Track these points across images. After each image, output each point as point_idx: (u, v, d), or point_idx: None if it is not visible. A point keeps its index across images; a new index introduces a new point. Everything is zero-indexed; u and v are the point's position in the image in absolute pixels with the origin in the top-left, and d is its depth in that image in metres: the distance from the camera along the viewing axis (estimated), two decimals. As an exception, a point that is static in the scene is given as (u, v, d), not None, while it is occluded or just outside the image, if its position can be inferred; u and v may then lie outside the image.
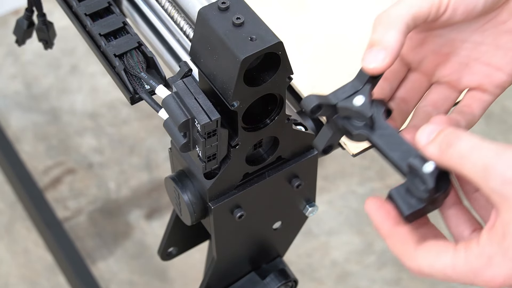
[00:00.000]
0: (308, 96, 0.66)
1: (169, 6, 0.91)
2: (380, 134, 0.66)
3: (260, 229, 0.95)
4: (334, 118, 0.68)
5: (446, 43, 0.72)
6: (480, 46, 0.71)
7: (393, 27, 0.66)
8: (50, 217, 1.75)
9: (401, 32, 0.66)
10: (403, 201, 0.64)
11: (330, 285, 1.76)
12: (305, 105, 0.66)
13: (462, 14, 0.68)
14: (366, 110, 0.66)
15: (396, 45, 0.65)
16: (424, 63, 0.73)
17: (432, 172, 0.63)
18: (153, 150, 1.95)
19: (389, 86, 0.73)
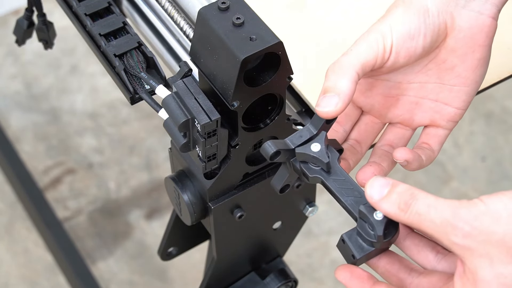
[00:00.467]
0: (266, 143, 0.70)
1: (169, 6, 0.91)
2: (334, 179, 0.71)
3: (260, 229, 0.95)
4: (291, 160, 0.72)
5: (394, 85, 0.76)
6: (426, 85, 0.76)
7: (344, 75, 0.71)
8: (50, 217, 1.75)
9: (352, 79, 0.71)
10: (354, 245, 0.69)
11: (330, 285, 1.76)
12: (264, 152, 0.70)
13: (404, 57, 0.73)
14: (322, 157, 0.71)
15: (348, 91, 0.70)
16: (375, 105, 0.78)
17: (381, 220, 0.67)
18: (153, 150, 1.95)
19: (343, 129, 0.78)
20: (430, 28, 0.73)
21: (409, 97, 0.77)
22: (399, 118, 0.78)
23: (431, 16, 0.73)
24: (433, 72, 0.76)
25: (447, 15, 0.73)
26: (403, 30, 0.72)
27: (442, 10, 0.73)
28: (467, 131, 1.97)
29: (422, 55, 0.74)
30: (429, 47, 0.73)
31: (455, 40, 0.74)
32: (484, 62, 0.75)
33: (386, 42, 0.72)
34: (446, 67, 0.75)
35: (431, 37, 0.73)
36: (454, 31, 0.74)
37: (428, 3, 0.73)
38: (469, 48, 0.74)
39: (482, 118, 2.01)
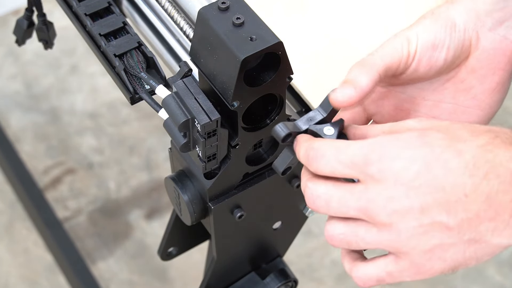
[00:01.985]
0: (277, 126, 0.71)
1: (169, 6, 0.91)
2: None
3: (260, 229, 0.95)
4: None
5: (408, 99, 0.77)
6: (440, 104, 0.76)
7: (366, 73, 0.71)
8: (50, 217, 1.75)
9: (372, 77, 0.71)
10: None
11: (330, 285, 1.76)
12: (275, 134, 0.71)
13: (425, 66, 0.73)
14: None
15: (365, 87, 0.71)
16: (385, 116, 0.78)
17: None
18: (153, 150, 1.95)
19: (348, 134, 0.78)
20: (454, 42, 0.73)
21: (420, 114, 0.77)
22: None
23: (457, 31, 0.73)
24: (449, 91, 0.76)
25: (473, 33, 0.74)
26: (428, 39, 0.73)
27: (468, 28, 0.73)
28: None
29: (443, 68, 0.74)
30: (450, 61, 0.74)
31: (477, 60, 0.74)
32: (502, 87, 0.75)
33: (411, 47, 0.73)
34: (463, 87, 0.75)
35: (454, 51, 0.73)
36: (478, 51, 0.74)
37: (456, 18, 0.73)
38: (490, 70, 0.74)
39: (482, 118, 2.01)
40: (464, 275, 1.77)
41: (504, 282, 1.77)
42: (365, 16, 1.02)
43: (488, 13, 0.74)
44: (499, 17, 0.74)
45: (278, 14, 1.02)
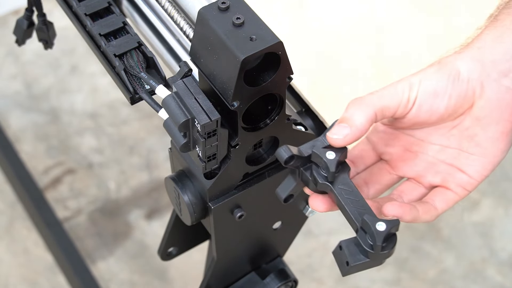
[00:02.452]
0: (281, 148, 0.72)
1: (169, 6, 0.91)
2: (342, 189, 0.73)
3: (260, 229, 0.95)
4: (301, 169, 0.74)
5: (416, 142, 0.79)
6: (446, 149, 0.78)
7: (362, 111, 0.74)
8: (50, 217, 1.75)
9: (368, 117, 0.74)
10: (350, 253, 0.71)
11: (330, 285, 1.76)
12: (278, 156, 0.72)
13: (426, 112, 0.75)
14: (331, 166, 0.73)
15: (361, 127, 0.73)
16: (393, 156, 0.80)
17: (383, 231, 0.70)
18: (153, 150, 1.95)
19: (354, 169, 0.80)
20: (456, 91, 0.75)
21: (428, 157, 0.79)
22: (412, 173, 0.79)
23: (460, 80, 0.75)
24: (455, 138, 0.77)
25: (477, 83, 0.75)
26: (430, 86, 0.75)
27: (473, 78, 0.75)
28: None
29: (445, 116, 0.76)
30: (452, 109, 0.75)
31: (481, 109, 0.76)
32: (506, 137, 0.76)
33: (411, 93, 0.75)
34: (467, 134, 0.77)
35: (456, 100, 0.75)
36: (482, 101, 0.76)
37: (460, 68, 0.75)
38: (493, 119, 0.76)
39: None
40: (464, 275, 1.77)
41: (504, 282, 1.77)
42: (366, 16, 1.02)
43: (494, 64, 0.75)
44: (505, 68, 0.75)
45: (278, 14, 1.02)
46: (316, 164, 0.74)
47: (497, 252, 1.81)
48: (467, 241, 1.82)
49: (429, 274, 1.77)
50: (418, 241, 1.81)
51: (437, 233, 1.82)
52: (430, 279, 1.77)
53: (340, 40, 1.00)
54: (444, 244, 1.81)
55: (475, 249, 1.81)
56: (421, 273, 1.77)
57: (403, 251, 1.79)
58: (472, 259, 1.79)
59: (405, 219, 0.74)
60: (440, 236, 1.82)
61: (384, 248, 0.70)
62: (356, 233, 0.72)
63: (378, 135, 0.79)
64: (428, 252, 1.80)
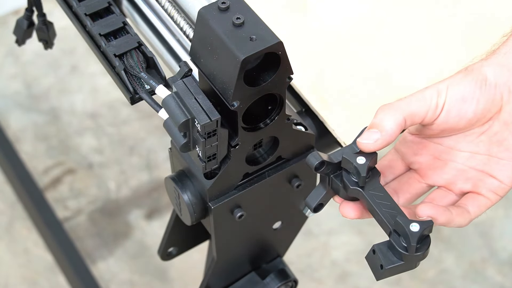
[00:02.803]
0: (311, 154, 0.73)
1: (169, 6, 0.91)
2: (373, 193, 0.74)
3: (260, 229, 0.95)
4: (332, 176, 0.75)
5: (445, 150, 0.79)
6: (475, 155, 0.79)
7: (392, 116, 0.75)
8: (50, 217, 1.75)
9: (397, 122, 0.75)
10: (384, 256, 0.72)
11: (330, 285, 1.76)
12: (309, 162, 0.73)
13: (454, 117, 0.76)
14: (362, 170, 0.73)
15: (390, 131, 0.75)
16: (423, 165, 0.80)
17: (417, 232, 0.70)
18: (153, 150, 1.95)
19: (383, 179, 0.80)
20: (484, 96, 0.76)
21: (457, 164, 0.79)
22: (442, 181, 0.80)
23: (488, 85, 0.76)
24: (483, 144, 0.78)
25: (505, 88, 0.76)
26: (458, 91, 0.76)
27: (500, 83, 0.76)
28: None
29: (473, 121, 0.76)
30: (480, 114, 0.76)
31: (509, 114, 0.77)
32: None
33: (439, 99, 0.75)
34: (496, 139, 0.77)
35: (484, 105, 0.76)
36: (509, 105, 0.76)
37: (488, 73, 0.76)
38: None
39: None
40: (464, 275, 1.77)
41: (504, 282, 1.77)
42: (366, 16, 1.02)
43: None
44: None
45: (278, 14, 1.02)
46: (346, 170, 0.74)
47: (497, 252, 1.81)
48: (467, 241, 1.82)
49: (429, 274, 1.77)
50: (418, 241, 1.81)
51: (437, 233, 1.82)
52: (430, 279, 1.77)
53: (341, 40, 1.00)
54: (444, 244, 1.81)
55: (475, 249, 1.81)
56: (421, 273, 1.77)
57: (403, 251, 1.79)
58: (472, 259, 1.79)
59: (439, 220, 0.74)
60: (440, 236, 1.82)
61: (419, 249, 0.71)
62: (389, 236, 0.72)
63: (407, 144, 0.80)
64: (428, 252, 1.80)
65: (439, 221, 0.74)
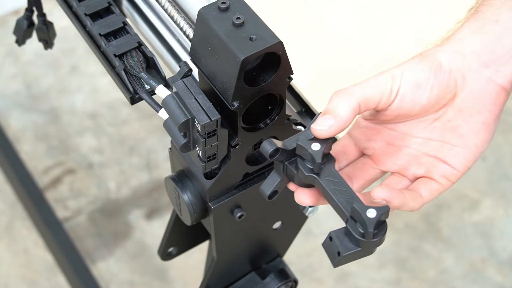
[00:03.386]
0: (266, 141, 0.72)
1: (169, 6, 0.91)
2: (328, 180, 0.73)
3: (260, 229, 0.95)
4: (286, 163, 0.74)
5: (399, 136, 0.79)
6: (429, 141, 0.78)
7: (346, 102, 0.74)
8: (50, 217, 1.75)
9: (352, 107, 0.74)
10: (341, 243, 0.71)
11: (330, 285, 1.76)
12: (263, 149, 0.72)
13: (408, 103, 0.75)
14: (317, 157, 0.72)
15: (345, 117, 0.74)
16: (377, 150, 0.80)
17: (374, 218, 0.70)
18: (153, 150, 1.95)
19: (337, 165, 0.79)
20: (438, 82, 0.75)
21: (411, 150, 0.79)
22: (396, 167, 0.80)
23: (442, 72, 0.76)
24: (437, 130, 0.78)
25: (459, 75, 0.76)
26: (412, 77, 0.75)
27: (454, 69, 0.76)
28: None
29: (427, 107, 0.76)
30: (434, 100, 0.76)
31: (463, 101, 0.76)
32: (488, 128, 0.77)
33: (394, 84, 0.75)
34: (450, 125, 0.77)
35: (438, 91, 0.76)
36: (464, 92, 0.76)
37: (442, 59, 0.76)
38: (476, 110, 0.76)
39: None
40: (464, 275, 1.77)
41: (504, 282, 1.77)
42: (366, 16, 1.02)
43: (475, 55, 0.76)
44: (486, 60, 0.76)
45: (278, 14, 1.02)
46: (301, 157, 0.73)
47: (497, 252, 1.81)
48: (467, 241, 1.82)
49: (429, 274, 1.77)
50: (418, 241, 1.81)
51: (437, 233, 1.82)
52: (430, 279, 1.77)
53: (341, 40, 1.00)
54: (444, 244, 1.81)
55: (475, 249, 1.81)
56: (421, 273, 1.77)
57: (403, 251, 1.79)
58: (472, 259, 1.79)
59: (393, 203, 0.74)
60: (440, 236, 1.82)
61: (376, 235, 0.70)
62: (346, 223, 0.71)
63: (360, 130, 0.79)
64: (428, 252, 1.80)
65: (393, 204, 0.74)
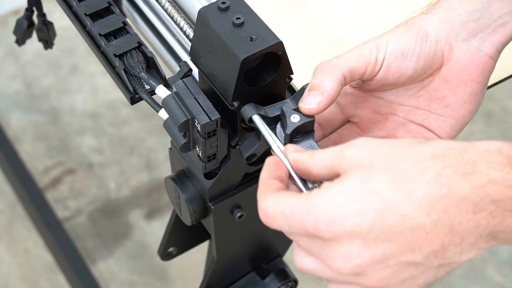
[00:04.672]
0: (246, 106, 0.72)
1: (169, 6, 0.91)
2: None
3: (260, 229, 0.94)
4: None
5: (385, 104, 0.78)
6: (415, 110, 0.77)
7: (331, 75, 0.72)
8: (50, 217, 1.75)
9: (337, 80, 0.72)
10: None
11: (330, 285, 1.76)
12: (243, 114, 0.73)
13: (394, 73, 0.74)
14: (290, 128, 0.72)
15: (332, 92, 0.72)
16: (363, 118, 0.78)
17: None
18: (153, 150, 1.95)
19: (322, 132, 0.79)
20: (425, 52, 0.74)
21: (398, 118, 0.78)
22: (383, 134, 0.79)
23: (428, 41, 0.74)
24: (424, 98, 0.77)
25: (446, 44, 0.74)
26: (398, 47, 0.74)
27: (441, 39, 0.74)
28: (467, 131, 1.97)
29: (413, 77, 0.75)
30: (421, 70, 0.74)
31: (449, 71, 0.75)
32: (474, 98, 0.76)
33: (379, 54, 0.74)
34: (437, 95, 0.76)
35: (425, 61, 0.74)
36: (450, 62, 0.75)
37: (428, 28, 0.74)
38: (462, 81, 0.75)
39: (482, 118, 2.01)
40: (464, 275, 1.77)
41: (504, 282, 1.77)
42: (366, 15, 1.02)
43: (462, 25, 0.74)
44: (473, 29, 0.74)
45: (278, 14, 1.02)
46: (282, 124, 0.73)
47: (497, 252, 1.81)
48: (467, 241, 1.81)
49: (429, 274, 1.77)
50: (418, 241, 1.81)
51: (437, 233, 1.82)
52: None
53: (341, 40, 1.00)
54: (444, 244, 1.81)
55: (475, 249, 1.80)
56: (421, 273, 1.76)
57: (403, 251, 1.79)
58: (472, 259, 1.79)
59: None
60: (440, 236, 1.82)
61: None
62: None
63: (347, 98, 0.78)
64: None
65: None
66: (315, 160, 0.66)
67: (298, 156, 0.67)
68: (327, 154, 0.65)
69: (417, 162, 0.61)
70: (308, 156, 0.66)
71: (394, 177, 0.61)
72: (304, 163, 0.66)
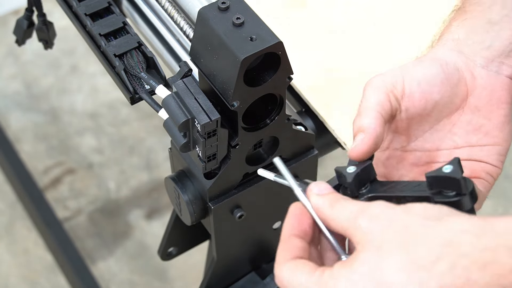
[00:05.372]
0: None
1: (169, 6, 0.91)
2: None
3: (260, 229, 0.95)
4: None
5: (424, 155, 0.76)
6: (455, 150, 0.75)
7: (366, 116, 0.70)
8: (50, 217, 1.75)
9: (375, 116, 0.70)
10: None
11: (330, 285, 1.76)
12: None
13: (419, 100, 0.72)
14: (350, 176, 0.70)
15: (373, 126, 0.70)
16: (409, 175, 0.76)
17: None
18: (153, 150, 1.95)
19: None
20: (448, 77, 0.72)
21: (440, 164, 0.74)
22: None
23: (449, 68, 0.73)
24: (459, 136, 0.75)
25: (467, 73, 0.73)
26: (416, 75, 0.72)
27: (461, 67, 0.73)
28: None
29: (440, 104, 0.73)
30: (447, 97, 0.73)
31: (478, 99, 0.74)
32: (510, 119, 0.75)
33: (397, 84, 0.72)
34: (472, 128, 0.75)
35: (450, 86, 0.73)
36: (476, 90, 0.74)
37: (446, 58, 0.73)
38: (493, 105, 0.74)
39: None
40: None
41: (504, 282, 1.77)
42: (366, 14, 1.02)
43: (475, 54, 0.74)
44: (487, 56, 0.74)
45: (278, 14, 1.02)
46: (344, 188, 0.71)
47: None
48: (467, 241, 1.81)
49: (429, 274, 1.77)
50: (418, 241, 1.81)
51: (437, 233, 1.82)
52: None
53: (341, 40, 1.00)
54: (444, 244, 1.81)
55: (475, 249, 1.80)
56: (421, 273, 1.76)
57: (403, 251, 1.79)
58: None
59: None
60: (440, 236, 1.82)
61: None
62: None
63: (384, 164, 0.76)
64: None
65: None
66: (334, 215, 0.64)
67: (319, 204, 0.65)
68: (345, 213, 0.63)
69: (430, 250, 0.58)
70: (329, 208, 0.65)
71: (405, 265, 0.58)
72: (324, 214, 0.65)
